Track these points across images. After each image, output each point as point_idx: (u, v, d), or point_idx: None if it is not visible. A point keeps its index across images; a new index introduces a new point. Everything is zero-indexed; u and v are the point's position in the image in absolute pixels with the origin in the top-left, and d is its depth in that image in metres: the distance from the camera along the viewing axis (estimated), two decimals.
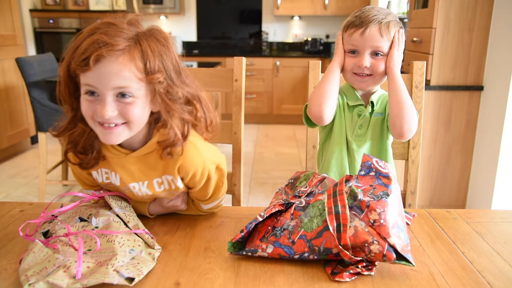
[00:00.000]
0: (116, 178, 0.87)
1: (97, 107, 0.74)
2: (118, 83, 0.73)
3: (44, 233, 0.80)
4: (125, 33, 0.74)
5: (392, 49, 1.04)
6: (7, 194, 2.92)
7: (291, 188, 0.93)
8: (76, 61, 0.72)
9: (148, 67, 0.75)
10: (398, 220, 0.75)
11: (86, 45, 0.72)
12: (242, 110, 1.39)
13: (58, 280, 0.65)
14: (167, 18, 5.33)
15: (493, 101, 2.22)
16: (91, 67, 0.71)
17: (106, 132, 0.76)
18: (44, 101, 2.59)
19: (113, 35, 0.72)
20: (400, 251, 0.71)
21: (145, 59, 0.74)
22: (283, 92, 4.94)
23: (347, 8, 4.81)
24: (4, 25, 3.60)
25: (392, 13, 1.08)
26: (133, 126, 0.78)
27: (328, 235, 0.74)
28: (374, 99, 1.12)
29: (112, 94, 0.74)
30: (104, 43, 0.71)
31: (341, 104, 1.14)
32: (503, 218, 0.98)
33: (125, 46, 0.73)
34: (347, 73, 1.10)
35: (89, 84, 0.74)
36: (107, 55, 0.71)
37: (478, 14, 2.22)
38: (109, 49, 0.71)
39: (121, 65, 0.72)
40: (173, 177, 0.85)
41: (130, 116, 0.76)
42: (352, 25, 1.06)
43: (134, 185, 0.87)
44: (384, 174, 0.80)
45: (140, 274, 0.70)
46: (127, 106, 0.75)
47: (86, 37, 0.73)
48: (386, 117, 1.11)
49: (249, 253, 0.78)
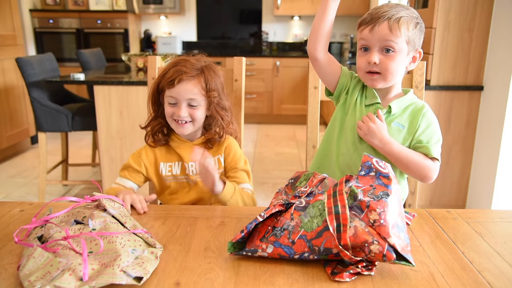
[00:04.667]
0: (178, 167, 1.24)
1: (175, 110, 1.17)
2: (190, 96, 1.16)
3: (38, 238, 0.79)
4: (194, 66, 1.18)
5: (366, 123, 1.06)
6: (7, 194, 2.92)
7: (291, 188, 0.93)
8: (164, 82, 1.17)
9: (207, 87, 1.18)
10: (398, 220, 0.75)
11: (171, 72, 1.16)
12: (242, 110, 1.39)
13: (65, 283, 0.65)
14: (167, 18, 5.33)
15: (493, 101, 2.22)
16: (175, 85, 1.15)
17: (180, 127, 1.19)
18: (44, 101, 2.59)
19: (188, 67, 1.17)
20: (400, 251, 0.71)
21: (206, 83, 1.18)
22: (283, 92, 4.94)
23: (347, 8, 4.80)
24: (4, 25, 3.60)
25: (409, 9, 1.04)
26: (196, 124, 1.20)
27: (328, 235, 0.74)
28: (394, 105, 1.09)
29: (185, 102, 1.17)
30: (183, 71, 1.15)
31: (353, 102, 1.13)
32: (503, 218, 0.98)
33: (195, 74, 1.17)
34: (360, 72, 1.08)
35: (172, 96, 1.17)
36: (185, 79, 1.15)
37: (478, 14, 2.22)
38: (186, 75, 1.15)
39: (192, 85, 1.16)
40: (219, 155, 1.25)
41: (195, 116, 1.18)
42: (363, 22, 1.05)
43: (192, 164, 1.22)
44: (384, 174, 0.80)
45: (147, 273, 0.70)
46: (194, 110, 1.18)
47: (171, 67, 1.18)
48: (410, 135, 1.09)
49: (249, 253, 0.78)
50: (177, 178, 1.24)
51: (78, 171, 3.38)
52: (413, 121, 1.09)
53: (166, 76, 1.17)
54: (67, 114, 2.60)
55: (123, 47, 4.79)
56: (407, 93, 1.12)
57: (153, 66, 1.36)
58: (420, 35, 1.05)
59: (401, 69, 1.05)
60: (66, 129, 2.63)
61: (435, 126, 1.10)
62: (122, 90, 2.52)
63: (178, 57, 1.25)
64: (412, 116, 1.09)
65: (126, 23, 4.75)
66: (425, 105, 1.11)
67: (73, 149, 3.78)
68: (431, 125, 1.10)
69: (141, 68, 3.07)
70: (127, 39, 4.78)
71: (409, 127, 1.09)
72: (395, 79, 1.07)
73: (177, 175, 1.24)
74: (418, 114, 1.09)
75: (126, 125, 2.57)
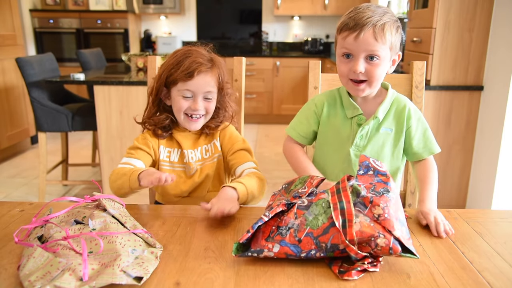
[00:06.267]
0: (177, 154, 1.21)
1: (191, 104, 1.13)
2: (207, 88, 1.13)
3: (38, 238, 0.79)
4: (206, 57, 1.14)
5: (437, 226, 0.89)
6: (7, 194, 2.92)
7: (285, 192, 0.93)
8: (179, 74, 1.10)
9: (221, 80, 1.16)
10: (399, 214, 0.77)
11: (187, 63, 1.10)
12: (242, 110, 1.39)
13: (65, 283, 0.65)
14: (167, 18, 5.33)
15: (493, 101, 2.22)
16: (193, 78, 1.10)
17: (193, 122, 1.16)
18: (44, 101, 2.59)
19: (202, 58, 1.12)
20: (405, 243, 0.72)
21: (219, 74, 1.16)
22: (283, 92, 4.94)
23: (347, 8, 4.72)
24: (4, 25, 3.60)
25: (388, 12, 1.02)
26: (208, 116, 1.18)
27: (334, 231, 0.75)
28: (380, 113, 1.08)
29: (202, 95, 1.14)
30: (201, 63, 1.11)
31: (331, 114, 1.13)
32: (503, 218, 0.98)
33: (210, 66, 1.13)
34: (343, 78, 1.06)
35: (188, 89, 1.12)
36: (204, 70, 1.11)
37: (478, 14, 2.22)
38: (204, 67, 1.11)
39: (210, 77, 1.13)
40: (214, 140, 1.22)
41: (209, 110, 1.16)
42: (346, 28, 1.01)
43: (191, 151, 1.20)
44: (382, 173, 0.82)
45: (147, 273, 0.70)
46: (208, 103, 1.15)
47: (184, 58, 1.11)
48: (398, 135, 1.09)
49: (254, 254, 0.77)
50: (174, 165, 1.20)
51: (78, 171, 3.38)
52: (399, 122, 1.10)
53: (181, 68, 1.10)
54: (67, 114, 2.60)
55: (123, 47, 4.79)
56: (385, 88, 1.12)
57: (153, 66, 1.36)
58: (399, 39, 1.04)
59: (384, 74, 1.05)
60: (66, 129, 2.63)
61: (422, 119, 1.12)
62: (122, 90, 2.52)
63: (185, 46, 1.18)
64: (397, 116, 1.10)
65: (126, 23, 4.75)
66: (406, 102, 1.12)
67: (73, 149, 3.78)
68: (420, 122, 1.11)
69: (141, 68, 3.07)
70: (127, 39, 4.78)
71: (396, 128, 1.11)
72: (379, 84, 1.07)
73: (174, 162, 1.20)
74: (403, 115, 1.10)
75: (126, 125, 2.57)
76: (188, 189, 1.21)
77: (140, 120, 1.23)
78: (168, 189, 1.20)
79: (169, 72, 1.12)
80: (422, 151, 1.11)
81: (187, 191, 1.21)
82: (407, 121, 1.10)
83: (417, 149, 1.11)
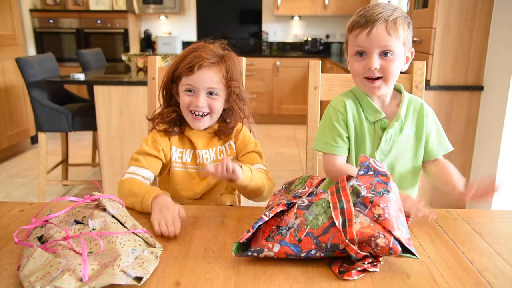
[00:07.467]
0: (190, 155, 1.17)
1: (192, 99, 1.09)
2: (210, 84, 1.08)
3: (38, 238, 0.79)
4: (214, 52, 1.11)
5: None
6: (7, 194, 2.92)
7: (285, 192, 0.93)
8: (182, 68, 1.08)
9: (228, 76, 1.11)
10: (399, 215, 0.77)
11: (190, 58, 1.08)
12: None
13: (65, 284, 0.64)
14: (167, 18, 5.33)
15: (493, 101, 2.22)
16: (194, 72, 1.06)
17: (196, 121, 1.12)
18: (44, 101, 2.59)
19: (208, 53, 1.09)
20: (405, 243, 0.72)
21: (227, 71, 1.10)
22: (283, 92, 4.93)
23: (347, 8, 4.80)
24: (4, 25, 3.60)
25: (398, 8, 1.00)
26: (214, 116, 1.13)
27: (334, 231, 0.75)
28: (403, 113, 1.05)
29: (204, 91, 1.09)
30: (204, 57, 1.07)
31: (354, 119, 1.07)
32: (503, 218, 0.98)
33: (215, 61, 1.09)
34: (357, 78, 1.04)
35: (190, 84, 1.09)
36: (205, 65, 1.07)
37: (478, 14, 2.22)
38: (206, 61, 1.07)
39: (213, 73, 1.08)
40: (230, 141, 1.20)
41: (214, 108, 1.11)
42: (357, 25, 0.99)
43: (205, 151, 1.16)
44: (382, 173, 0.82)
45: (147, 273, 0.70)
46: (213, 100, 1.10)
47: (190, 53, 1.10)
48: (418, 137, 1.08)
49: (254, 254, 0.77)
50: (187, 166, 1.17)
51: (78, 171, 3.38)
52: (419, 121, 1.09)
53: (184, 62, 1.08)
54: (67, 114, 2.60)
55: (123, 47, 4.79)
56: (397, 90, 1.11)
57: (153, 66, 1.36)
58: (411, 35, 1.03)
59: (399, 71, 1.03)
60: (66, 129, 2.63)
61: (436, 117, 1.12)
62: (122, 90, 2.51)
63: (196, 43, 1.17)
64: (416, 116, 1.09)
65: (126, 23, 4.75)
66: (421, 101, 1.11)
67: (73, 149, 3.78)
68: (434, 120, 1.11)
69: (141, 68, 3.07)
70: (127, 39, 4.78)
71: (417, 128, 1.09)
72: (395, 82, 1.05)
73: (187, 163, 1.17)
74: (421, 114, 1.09)
75: (126, 125, 2.57)
76: (201, 191, 1.18)
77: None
78: (180, 191, 1.17)
79: (175, 67, 1.11)
80: (438, 149, 1.11)
81: (199, 193, 1.18)
82: (425, 120, 1.09)
83: (433, 147, 1.10)
